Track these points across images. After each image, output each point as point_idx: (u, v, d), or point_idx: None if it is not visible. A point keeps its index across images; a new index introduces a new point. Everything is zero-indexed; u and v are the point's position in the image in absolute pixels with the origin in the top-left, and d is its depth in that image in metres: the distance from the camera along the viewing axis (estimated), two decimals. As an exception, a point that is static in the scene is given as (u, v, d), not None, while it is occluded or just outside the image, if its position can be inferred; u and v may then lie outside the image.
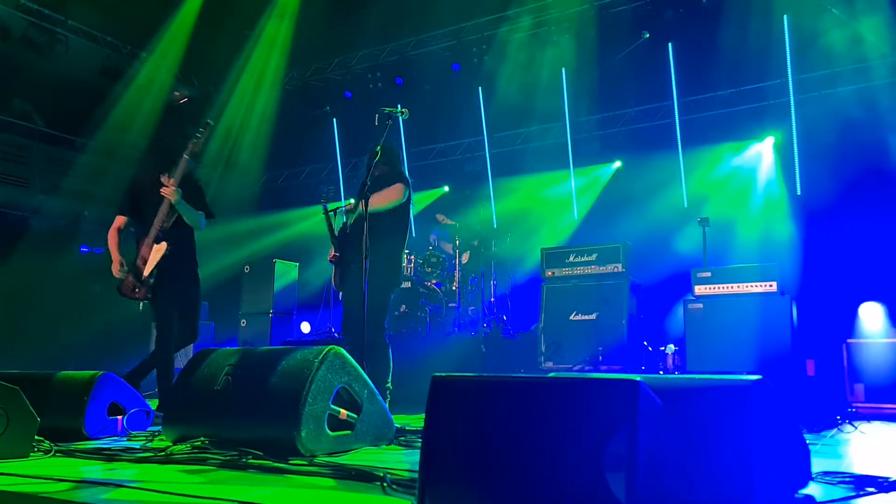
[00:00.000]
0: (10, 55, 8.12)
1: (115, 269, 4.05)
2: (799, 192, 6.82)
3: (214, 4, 8.58)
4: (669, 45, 7.55)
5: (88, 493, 1.93)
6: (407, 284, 6.41)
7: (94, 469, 2.39)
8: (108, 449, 2.73)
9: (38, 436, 2.69)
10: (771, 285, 5.06)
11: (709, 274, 5.30)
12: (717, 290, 5.25)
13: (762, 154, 7.26)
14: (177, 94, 9.80)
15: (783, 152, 7.06)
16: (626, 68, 7.63)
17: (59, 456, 2.65)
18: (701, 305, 5.25)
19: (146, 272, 3.92)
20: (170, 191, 3.94)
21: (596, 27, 7.63)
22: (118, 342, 7.53)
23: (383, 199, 4.16)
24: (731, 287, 5.21)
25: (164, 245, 4.01)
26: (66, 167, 8.84)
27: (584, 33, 7.73)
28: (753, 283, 5.13)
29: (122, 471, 2.33)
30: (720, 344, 5.06)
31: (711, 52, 7.07)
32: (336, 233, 4.51)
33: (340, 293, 4.50)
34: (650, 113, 7.88)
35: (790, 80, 6.91)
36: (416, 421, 3.70)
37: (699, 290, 5.31)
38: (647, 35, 7.54)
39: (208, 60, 9.35)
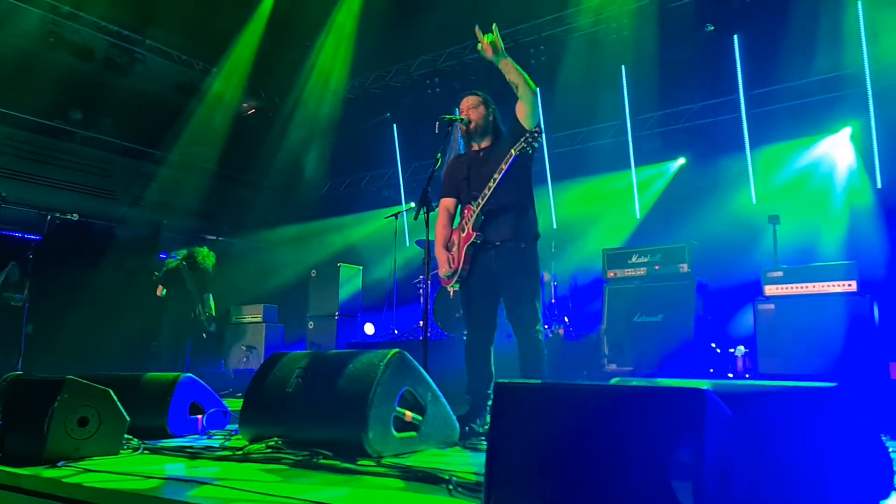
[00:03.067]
0: (93, 75, 8.68)
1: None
2: (879, 186, 6.47)
3: (279, 19, 8.90)
4: (735, 36, 7.31)
5: (175, 490, 2.06)
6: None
7: (179, 466, 2.54)
8: (191, 447, 2.89)
9: (127, 434, 2.87)
10: (850, 284, 4.82)
11: (780, 273, 5.10)
12: (789, 290, 5.05)
13: (838, 146, 6.91)
14: (245, 105, 10.22)
15: (861, 144, 6.71)
16: (688, 63, 7.44)
17: (147, 453, 2.82)
18: (772, 306, 5.06)
19: None
20: None
21: (656, 22, 7.47)
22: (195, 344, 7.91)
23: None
24: (806, 287, 4.99)
25: None
26: (147, 179, 9.39)
27: (644, 29, 7.58)
28: (830, 283, 4.90)
29: (205, 468, 2.47)
30: (794, 346, 4.87)
31: (780, 41, 6.80)
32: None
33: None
34: (715, 108, 7.64)
35: (866, 68, 6.56)
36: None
37: (770, 290, 5.12)
38: (712, 28, 7.33)
39: (274, 73, 9.71)
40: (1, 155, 8.11)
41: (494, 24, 3.44)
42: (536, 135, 3.44)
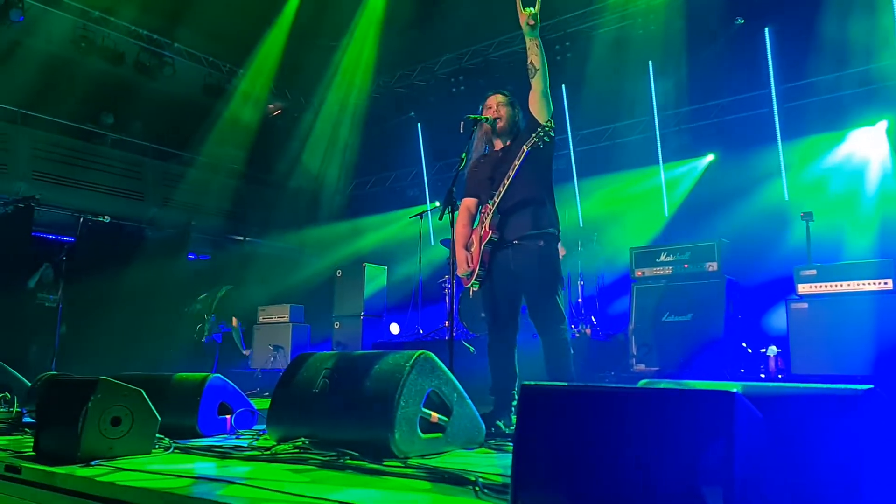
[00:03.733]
0: (124, 78, 8.86)
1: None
2: (917, 181, 6.29)
3: (304, 20, 8.98)
4: (766, 29, 7.16)
5: (206, 489, 2.09)
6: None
7: (209, 466, 2.57)
8: (220, 447, 2.93)
9: (159, 433, 2.91)
10: (886, 283, 4.70)
11: (814, 272, 4.99)
12: (823, 288, 4.93)
13: (872, 140, 6.73)
14: (271, 106, 10.33)
15: (896, 138, 6.54)
16: (717, 57, 7.32)
17: (177, 453, 2.85)
18: (806, 305, 4.95)
19: None
20: None
21: (684, 17, 7.36)
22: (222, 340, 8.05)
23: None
24: (840, 285, 4.87)
25: None
26: (175, 181, 9.55)
27: (671, 23, 7.48)
28: (866, 281, 4.78)
29: (234, 468, 2.50)
30: (828, 346, 4.76)
31: (813, 34, 6.64)
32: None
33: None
34: (745, 103, 7.50)
35: (903, 59, 6.38)
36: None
37: (803, 288, 5.01)
38: (742, 21, 7.20)
39: (299, 73, 9.79)
40: (35, 159, 8.32)
41: None
42: (548, 128, 3.42)
